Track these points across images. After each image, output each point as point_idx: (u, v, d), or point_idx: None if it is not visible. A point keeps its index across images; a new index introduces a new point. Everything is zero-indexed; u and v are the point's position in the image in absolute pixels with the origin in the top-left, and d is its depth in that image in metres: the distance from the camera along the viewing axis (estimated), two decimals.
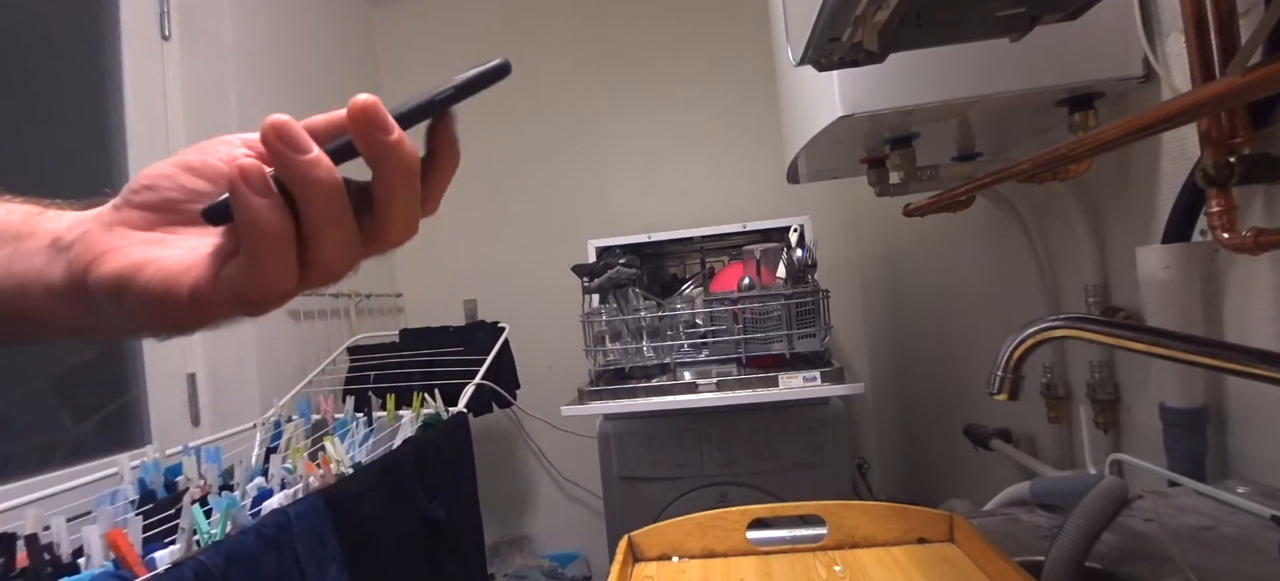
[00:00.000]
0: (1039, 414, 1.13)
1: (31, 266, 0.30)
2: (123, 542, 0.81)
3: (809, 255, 1.52)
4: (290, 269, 0.27)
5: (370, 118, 0.27)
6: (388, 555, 1.16)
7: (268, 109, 1.23)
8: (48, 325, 0.31)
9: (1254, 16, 0.64)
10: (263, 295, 0.28)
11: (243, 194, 0.26)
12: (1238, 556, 0.57)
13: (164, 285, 0.28)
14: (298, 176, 0.26)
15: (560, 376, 2.19)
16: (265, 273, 0.27)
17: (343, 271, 0.29)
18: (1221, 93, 0.46)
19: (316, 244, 0.28)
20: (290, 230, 0.27)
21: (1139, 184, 0.87)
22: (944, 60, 0.82)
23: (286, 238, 0.27)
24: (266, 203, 0.26)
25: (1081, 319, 0.51)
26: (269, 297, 0.28)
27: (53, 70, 1.39)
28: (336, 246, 0.28)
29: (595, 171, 2.40)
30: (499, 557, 2.23)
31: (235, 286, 0.27)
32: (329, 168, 0.27)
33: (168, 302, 0.28)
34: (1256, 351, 0.40)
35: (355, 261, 0.29)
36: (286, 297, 0.29)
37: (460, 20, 2.46)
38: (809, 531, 0.66)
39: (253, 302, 0.28)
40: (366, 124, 0.27)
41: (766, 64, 1.34)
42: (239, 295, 0.28)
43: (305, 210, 0.27)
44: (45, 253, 0.30)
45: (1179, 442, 0.76)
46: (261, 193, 0.26)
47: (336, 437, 1.23)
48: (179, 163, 0.31)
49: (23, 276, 0.30)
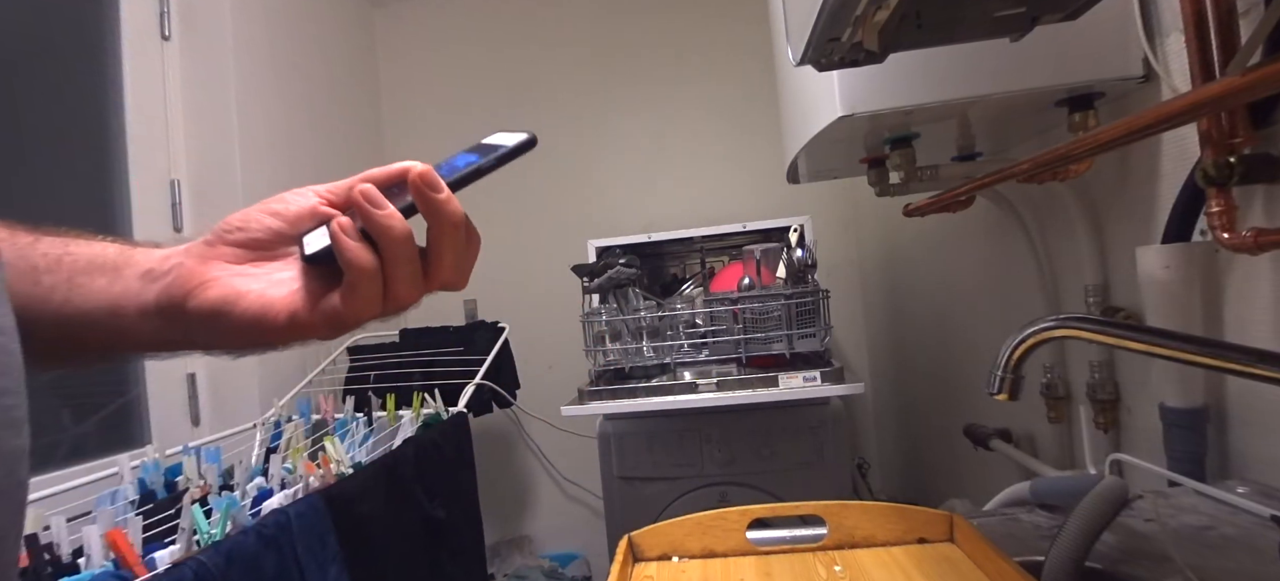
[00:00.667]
0: (1039, 414, 1.13)
1: (128, 291, 0.36)
2: (123, 542, 0.81)
3: (809, 255, 1.52)
4: (376, 298, 0.35)
5: (426, 181, 0.35)
6: (388, 555, 1.16)
7: (268, 109, 1.25)
8: (138, 342, 0.37)
9: (1254, 16, 0.64)
10: (355, 318, 0.35)
11: (342, 240, 0.34)
12: (1238, 556, 0.57)
13: (261, 312, 0.35)
14: (379, 226, 0.34)
15: (560, 376, 2.19)
16: (359, 300, 0.35)
17: (411, 301, 0.36)
18: (1221, 93, 0.46)
19: (393, 279, 0.35)
20: (378, 267, 0.35)
21: (1139, 184, 0.87)
22: (944, 60, 0.82)
23: (376, 272, 0.35)
24: (362, 245, 0.34)
25: (1081, 319, 0.51)
26: (357, 319, 0.35)
27: (53, 70, 1.39)
28: (407, 281, 0.35)
29: (595, 171, 2.40)
30: (499, 557, 2.23)
31: (333, 312, 0.35)
32: (401, 219, 0.35)
33: (263, 324, 0.35)
34: (1256, 351, 0.40)
35: (420, 295, 0.37)
36: (368, 320, 0.36)
37: (460, 20, 2.46)
38: (809, 531, 0.66)
39: (345, 325, 0.36)
40: (423, 186, 0.35)
41: (766, 64, 1.34)
42: (334, 319, 0.35)
43: (384, 252, 0.35)
44: (139, 280, 0.37)
45: (1179, 442, 0.76)
46: (356, 238, 0.34)
47: (336, 437, 1.23)
48: (264, 208, 0.38)
49: (119, 300, 0.36)
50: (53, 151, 1.38)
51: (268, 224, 0.37)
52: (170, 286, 0.36)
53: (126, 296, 0.36)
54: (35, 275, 0.36)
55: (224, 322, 0.35)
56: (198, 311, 0.35)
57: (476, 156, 0.37)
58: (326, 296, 0.35)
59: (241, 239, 0.37)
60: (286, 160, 1.85)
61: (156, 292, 0.36)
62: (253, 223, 0.37)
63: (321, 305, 0.35)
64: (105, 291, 0.36)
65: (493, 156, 0.37)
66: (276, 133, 1.83)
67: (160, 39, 1.59)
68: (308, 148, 1.97)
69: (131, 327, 0.36)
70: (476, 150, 0.38)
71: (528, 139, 0.37)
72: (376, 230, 0.34)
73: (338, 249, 0.34)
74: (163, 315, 0.36)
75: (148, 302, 0.36)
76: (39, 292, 0.36)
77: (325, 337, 0.36)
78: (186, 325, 0.35)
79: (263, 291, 0.35)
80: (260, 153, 1.74)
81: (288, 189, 0.39)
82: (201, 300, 0.35)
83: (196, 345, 0.37)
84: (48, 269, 0.36)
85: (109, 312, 0.36)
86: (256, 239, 0.37)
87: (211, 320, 0.35)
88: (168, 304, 0.35)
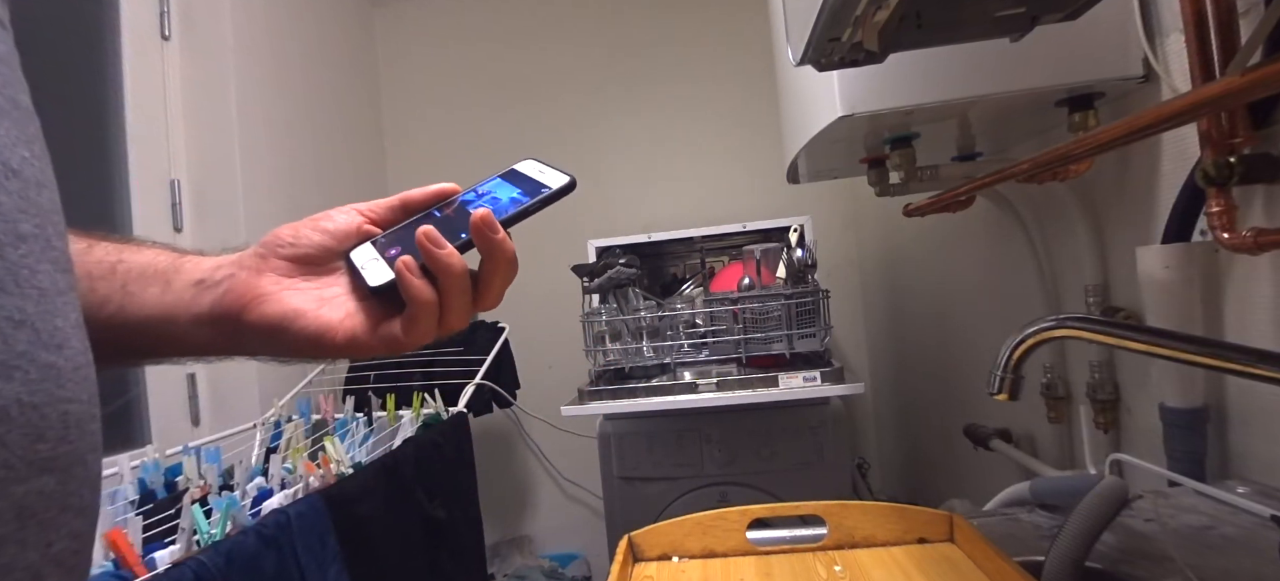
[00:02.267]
0: (1039, 414, 1.13)
1: (180, 300, 0.38)
2: (123, 542, 0.81)
3: (809, 255, 1.52)
4: (433, 327, 0.38)
5: (488, 224, 0.37)
6: (388, 555, 1.16)
7: (268, 109, 1.25)
8: (187, 348, 0.39)
9: (1254, 16, 0.64)
10: (414, 345, 0.38)
11: (407, 278, 0.37)
12: (1238, 556, 0.57)
13: (319, 331, 0.37)
14: (442, 266, 0.37)
15: (560, 376, 2.19)
16: (419, 329, 0.38)
17: (461, 326, 0.39)
18: (1221, 93, 0.46)
19: (448, 308, 0.38)
20: (437, 300, 0.37)
21: (1139, 184, 0.87)
22: (944, 60, 0.82)
23: (435, 305, 0.37)
24: (424, 283, 0.37)
25: (1081, 319, 0.51)
26: (416, 345, 0.38)
27: (53, 70, 1.39)
28: (461, 310, 0.38)
29: (595, 171, 2.39)
30: (499, 557, 2.23)
31: (392, 338, 0.38)
32: (460, 258, 0.38)
33: (321, 343, 0.37)
34: (1256, 351, 0.40)
35: (469, 319, 0.39)
36: (425, 344, 0.39)
37: (461, 20, 2.46)
38: (809, 531, 0.66)
39: (403, 349, 0.38)
40: (484, 228, 0.37)
41: (766, 64, 1.34)
42: (394, 344, 0.38)
43: (443, 287, 0.38)
44: (191, 289, 0.38)
45: (1179, 442, 0.76)
46: (418, 276, 0.37)
47: (336, 437, 1.23)
48: (312, 225, 0.40)
49: (172, 307, 0.38)
50: (53, 151, 1.38)
51: (316, 240, 0.40)
52: (225, 297, 0.37)
53: (179, 305, 0.38)
54: (90, 283, 0.37)
55: (283, 339, 0.37)
56: (255, 325, 0.37)
57: (522, 194, 0.39)
58: (386, 323, 0.38)
59: (292, 253, 0.39)
60: (286, 160, 1.85)
61: (211, 302, 0.38)
62: (303, 239, 0.39)
63: (381, 331, 0.38)
64: (158, 300, 0.38)
65: (540, 198, 0.39)
66: (276, 133, 1.83)
67: (160, 39, 1.59)
68: (308, 147, 1.97)
69: (183, 335, 0.38)
70: (513, 181, 0.40)
71: (570, 182, 0.39)
72: (439, 269, 0.37)
73: (403, 286, 0.37)
74: (216, 325, 0.38)
75: (201, 312, 0.38)
76: (93, 300, 0.37)
77: (380, 355, 0.40)
78: (240, 336, 0.38)
79: (319, 312, 0.38)
80: (260, 153, 1.73)
81: (288, 189, 0.41)
82: (259, 314, 0.37)
83: (246, 353, 0.39)
84: (102, 276, 0.37)
85: (162, 321, 0.38)
86: (307, 254, 0.39)
87: (270, 335, 0.37)
88: (222, 315, 0.37)
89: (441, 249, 0.37)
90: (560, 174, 0.40)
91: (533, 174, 0.40)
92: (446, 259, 0.37)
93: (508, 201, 0.39)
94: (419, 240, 0.37)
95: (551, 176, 0.40)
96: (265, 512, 0.94)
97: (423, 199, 0.41)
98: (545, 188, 0.39)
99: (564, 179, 0.39)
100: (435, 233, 0.37)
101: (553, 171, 0.40)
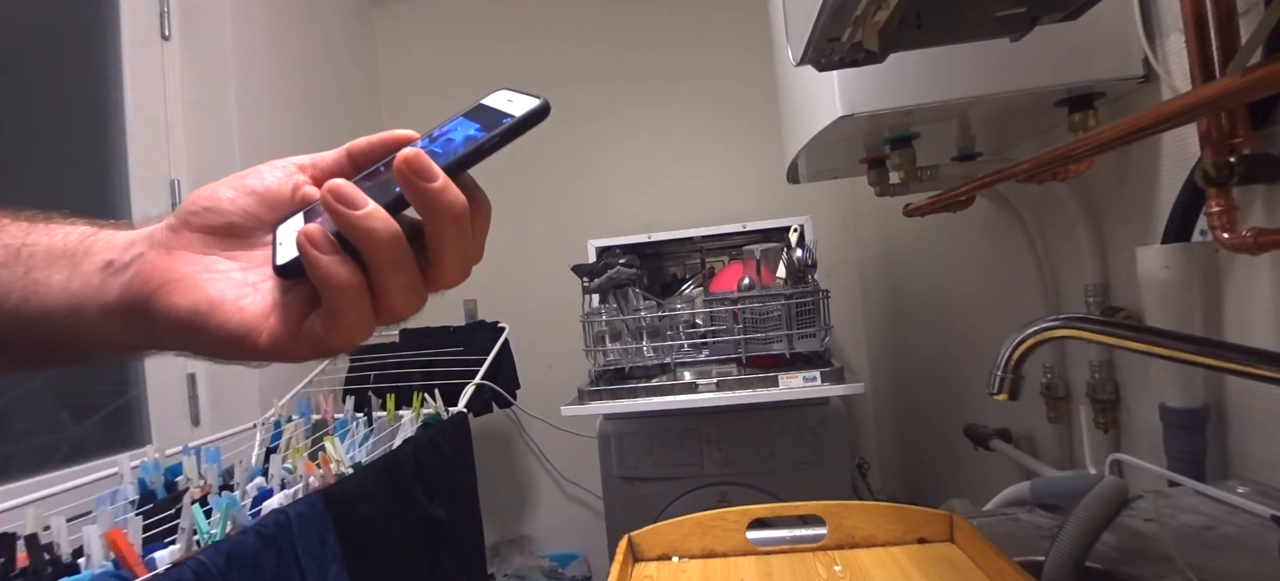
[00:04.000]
0: (1039, 414, 1.13)
1: (88, 286, 0.31)
2: (123, 542, 0.81)
3: (809, 255, 1.52)
4: (367, 318, 0.29)
5: (415, 168, 0.28)
6: (388, 555, 1.16)
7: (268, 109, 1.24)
8: (102, 345, 0.32)
9: (1254, 16, 0.64)
10: (343, 344, 0.29)
11: (312, 255, 0.28)
12: (1238, 556, 0.57)
13: (241, 330, 0.29)
14: (358, 231, 0.28)
15: (560, 376, 2.19)
16: (343, 323, 0.29)
17: (409, 313, 0.30)
18: (1221, 93, 0.46)
19: (384, 290, 0.29)
20: (361, 282, 0.28)
21: (1139, 184, 0.87)
22: (944, 60, 0.82)
23: (360, 290, 0.28)
24: (334, 259, 0.28)
25: (1081, 319, 0.51)
26: (347, 345, 0.30)
27: (53, 70, 1.39)
28: (402, 291, 0.29)
29: (595, 171, 2.39)
30: (499, 557, 2.23)
31: (316, 338, 0.29)
32: (384, 218, 0.28)
33: (243, 345, 0.29)
34: (1256, 351, 0.40)
35: (420, 303, 0.31)
36: (362, 341, 0.30)
37: (461, 20, 2.46)
38: (809, 531, 0.66)
39: (333, 351, 0.30)
40: (412, 174, 0.28)
41: (767, 64, 1.34)
42: (319, 345, 0.29)
43: (369, 260, 0.28)
44: (99, 274, 0.31)
45: (1179, 442, 0.76)
46: (328, 251, 0.28)
47: (336, 437, 1.23)
48: (240, 187, 0.32)
49: (79, 296, 0.31)
50: (53, 151, 1.38)
51: (241, 206, 0.31)
52: (132, 283, 0.30)
53: (86, 293, 0.31)
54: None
55: (198, 337, 0.29)
56: (165, 317, 0.29)
57: (479, 129, 0.30)
58: (308, 318, 0.29)
59: (211, 223, 0.31)
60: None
61: (118, 289, 0.30)
62: (223, 203, 0.31)
63: (304, 330, 0.29)
64: (64, 288, 0.31)
65: (497, 131, 0.30)
66: (276, 133, 1.83)
67: (160, 39, 1.59)
68: (308, 147, 1.94)
69: (95, 329, 0.31)
70: (476, 116, 0.31)
71: (540, 105, 0.31)
72: (355, 237, 0.28)
73: (308, 265, 0.28)
74: (127, 316, 0.30)
75: (109, 301, 0.30)
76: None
77: (310, 360, 0.31)
78: (153, 330, 0.30)
79: (241, 304, 0.29)
80: (260, 153, 1.73)
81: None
82: (168, 305, 0.29)
83: (167, 349, 0.31)
84: (5, 262, 0.31)
85: (68, 312, 0.30)
86: (230, 223, 0.31)
87: (182, 331, 0.29)
88: (131, 303, 0.30)
89: (354, 209, 0.27)
90: (530, 99, 0.31)
91: (499, 106, 0.31)
92: (362, 222, 0.27)
93: (461, 140, 0.30)
94: (323, 198, 0.28)
95: (520, 103, 0.31)
96: (265, 512, 0.94)
97: (369, 148, 0.33)
98: (508, 117, 0.30)
99: (532, 103, 0.31)
100: (345, 187, 0.28)
101: (523, 97, 0.31)
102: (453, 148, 0.30)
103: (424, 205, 0.28)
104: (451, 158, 0.29)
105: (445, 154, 0.30)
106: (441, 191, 0.28)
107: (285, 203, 0.32)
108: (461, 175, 0.30)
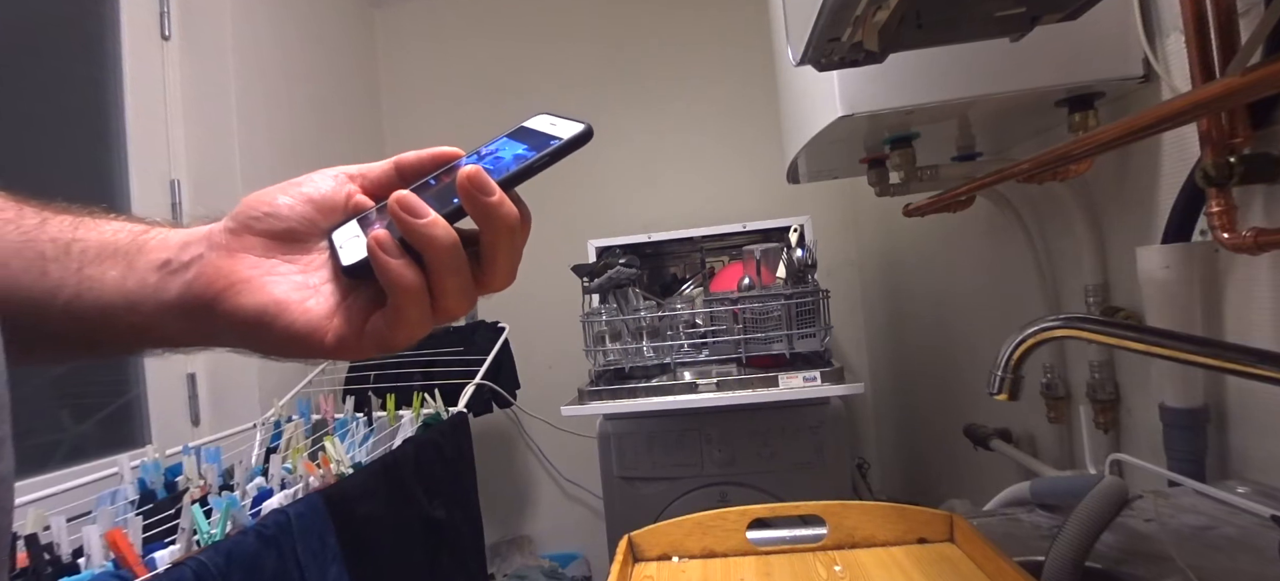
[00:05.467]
0: (1039, 414, 1.13)
1: (144, 284, 0.32)
2: (123, 542, 0.81)
3: (809, 255, 1.52)
4: (426, 316, 0.32)
5: (476, 185, 0.31)
6: (388, 555, 1.16)
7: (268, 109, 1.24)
8: (157, 340, 0.33)
9: (1254, 16, 0.64)
10: (404, 340, 0.32)
11: (381, 258, 0.30)
12: (1238, 556, 0.57)
13: (307, 329, 0.31)
14: (422, 239, 0.31)
15: (560, 376, 2.19)
16: (406, 321, 0.31)
17: (462, 312, 0.33)
18: (1221, 93, 0.46)
19: (441, 291, 0.32)
20: (423, 284, 0.31)
21: (1139, 184, 0.87)
22: (944, 60, 0.82)
23: (422, 290, 0.31)
24: (402, 263, 0.31)
25: (1081, 319, 0.51)
26: (409, 341, 0.32)
27: (53, 70, 1.39)
28: (457, 293, 0.32)
29: (595, 171, 2.39)
30: (499, 557, 2.23)
31: (380, 335, 0.32)
32: (445, 227, 0.31)
33: (309, 344, 0.31)
34: (1256, 351, 0.40)
35: (472, 303, 0.33)
36: (420, 338, 0.33)
37: (460, 20, 2.46)
38: (809, 531, 0.66)
39: (395, 347, 0.32)
40: (474, 189, 0.31)
41: (766, 64, 1.34)
42: (382, 342, 0.32)
43: (429, 264, 0.31)
44: (156, 273, 0.32)
45: (1179, 442, 0.76)
46: (394, 255, 0.31)
47: (336, 437, 1.23)
48: (296, 195, 0.34)
49: (135, 294, 0.32)
50: (53, 151, 1.38)
51: (299, 212, 0.33)
52: (194, 284, 0.31)
53: (143, 291, 0.32)
54: (42, 264, 0.32)
55: (263, 335, 0.31)
56: (231, 318, 0.31)
57: (526, 148, 0.33)
58: (371, 318, 0.32)
59: (272, 228, 0.33)
60: (286, 160, 1.84)
61: (179, 289, 0.32)
62: (282, 209, 0.33)
63: (367, 329, 0.32)
64: (119, 286, 0.32)
65: (546, 151, 0.33)
66: (276, 133, 1.83)
67: (160, 39, 1.59)
68: (308, 147, 1.96)
69: (151, 326, 0.32)
70: (522, 138, 0.34)
71: (585, 130, 0.33)
72: (420, 244, 0.30)
73: (378, 268, 0.31)
74: (188, 315, 0.32)
75: (168, 299, 0.32)
76: (47, 285, 0.32)
77: (373, 356, 0.34)
78: (215, 328, 0.32)
79: (306, 305, 0.31)
80: (260, 153, 1.74)
81: None
82: (235, 306, 0.31)
83: (224, 346, 0.33)
84: (55, 257, 0.32)
85: (125, 309, 0.32)
86: (289, 228, 0.33)
87: (248, 330, 0.31)
88: (193, 303, 0.31)
89: (419, 218, 0.30)
90: (573, 123, 0.34)
91: (543, 128, 0.34)
92: (426, 229, 0.30)
93: (511, 159, 0.33)
94: (391, 208, 0.31)
95: (563, 127, 0.34)
96: (265, 512, 0.94)
97: (418, 162, 0.35)
98: (555, 139, 0.33)
99: (577, 128, 0.33)
100: (412, 198, 0.31)
101: (566, 122, 0.34)
102: (503, 165, 0.33)
103: (482, 216, 0.31)
104: (504, 174, 0.32)
105: (497, 170, 0.32)
106: (499, 205, 0.31)
107: (338, 209, 0.34)
108: (512, 190, 0.33)
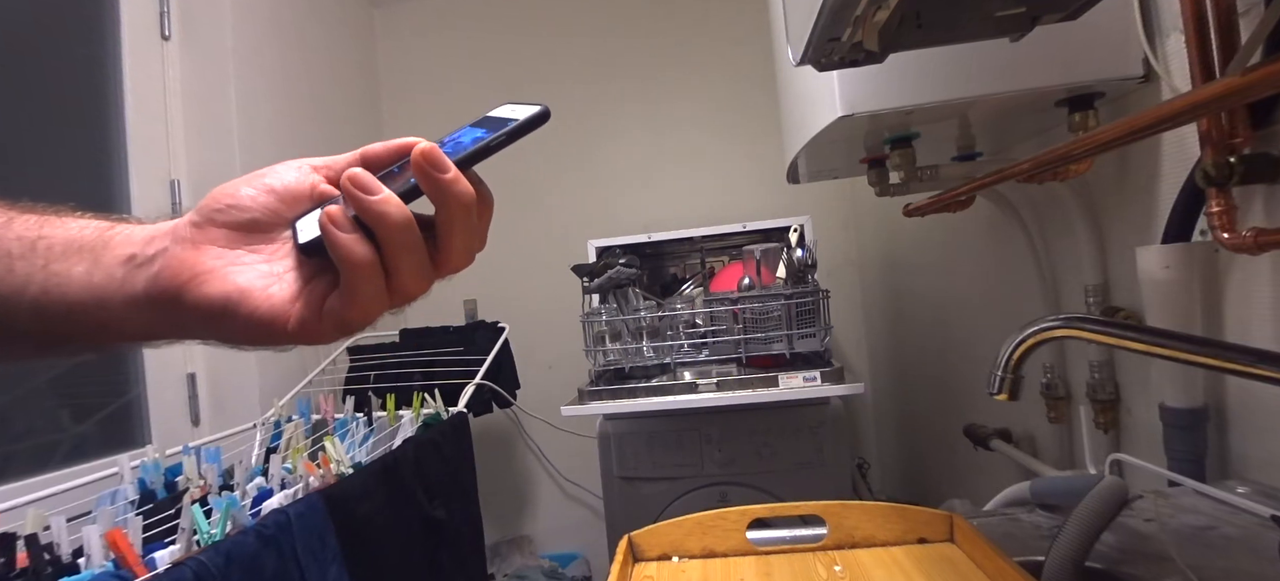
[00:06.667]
0: (1039, 414, 1.13)
1: (111, 279, 0.33)
2: (123, 542, 0.81)
3: (809, 255, 1.52)
4: (381, 294, 0.32)
5: (430, 161, 0.31)
6: (388, 555, 1.16)
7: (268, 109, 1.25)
8: (126, 333, 0.34)
9: (1254, 16, 0.64)
10: (360, 319, 0.32)
11: (332, 233, 0.31)
12: (1238, 556, 0.57)
13: (271, 315, 0.32)
14: (374, 214, 0.31)
15: (560, 376, 2.19)
16: (360, 298, 0.32)
17: (418, 293, 0.33)
18: (1221, 93, 0.46)
19: (396, 271, 0.32)
20: (376, 260, 0.32)
21: (1139, 184, 0.87)
22: (944, 60, 0.82)
23: (375, 267, 0.32)
24: (353, 238, 0.31)
25: (1081, 319, 0.51)
26: (364, 320, 0.33)
27: (53, 70, 1.39)
28: (412, 272, 0.32)
29: (595, 171, 2.39)
30: (499, 557, 2.23)
31: (335, 315, 0.32)
32: (398, 204, 0.31)
33: (272, 330, 0.32)
34: (1256, 351, 0.40)
35: (428, 285, 0.34)
36: (376, 318, 0.33)
37: (460, 20, 2.46)
38: (809, 531, 0.66)
39: (352, 326, 0.33)
40: (427, 166, 0.31)
41: (767, 64, 1.34)
42: (339, 322, 0.32)
43: (382, 241, 0.32)
44: (122, 267, 0.33)
45: (1179, 442, 0.76)
46: (346, 229, 0.31)
47: (336, 437, 1.23)
48: (260, 185, 0.34)
49: (102, 289, 0.33)
50: (52, 151, 1.38)
51: (263, 202, 0.34)
52: (160, 277, 0.32)
53: (110, 285, 0.32)
54: (9, 262, 0.33)
55: (228, 324, 0.32)
56: (196, 308, 0.32)
57: (484, 131, 0.34)
58: (329, 298, 0.32)
59: (235, 219, 0.33)
60: (286, 159, 1.84)
61: (145, 282, 0.32)
62: (245, 201, 0.34)
63: (325, 309, 0.32)
64: (85, 280, 0.32)
65: (502, 132, 0.34)
66: (276, 132, 1.83)
67: (160, 39, 1.59)
68: (308, 147, 1.96)
69: (119, 319, 0.33)
70: (484, 124, 0.35)
71: (540, 111, 0.34)
72: (371, 219, 0.31)
73: (329, 243, 0.31)
74: (155, 307, 0.32)
75: (135, 293, 0.32)
76: (14, 282, 0.32)
77: (338, 339, 0.34)
78: (182, 319, 0.32)
79: (269, 291, 0.32)
80: (260, 153, 1.73)
81: None
82: (199, 296, 0.31)
83: (193, 338, 0.34)
84: (21, 255, 0.33)
85: (93, 305, 0.32)
86: (253, 219, 0.34)
87: (214, 320, 0.32)
88: (159, 296, 0.32)
89: (371, 194, 0.31)
90: (531, 106, 0.35)
91: (503, 114, 0.35)
92: (378, 206, 0.31)
93: (469, 141, 0.34)
94: (343, 184, 0.31)
95: (521, 111, 0.35)
96: (265, 512, 0.94)
97: (384, 152, 0.36)
98: (511, 120, 0.34)
99: (534, 110, 0.34)
100: (364, 175, 0.31)
101: (524, 106, 0.35)
102: (462, 147, 0.34)
103: (436, 194, 0.32)
104: (461, 154, 0.33)
105: (455, 152, 0.33)
106: (453, 182, 0.32)
107: (303, 200, 0.35)
108: (469, 170, 0.33)
